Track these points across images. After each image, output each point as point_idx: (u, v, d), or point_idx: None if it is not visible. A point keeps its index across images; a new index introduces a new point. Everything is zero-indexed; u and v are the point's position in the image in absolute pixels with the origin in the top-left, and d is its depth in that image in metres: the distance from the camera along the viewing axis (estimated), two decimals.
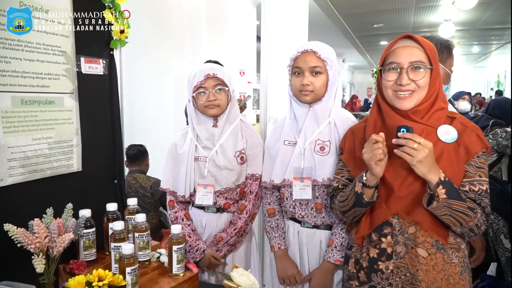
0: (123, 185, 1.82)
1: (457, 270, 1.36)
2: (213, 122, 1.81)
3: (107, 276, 1.23)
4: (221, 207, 1.86)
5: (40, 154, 1.45)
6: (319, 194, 1.67)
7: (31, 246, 1.23)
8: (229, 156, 1.83)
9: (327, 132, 1.67)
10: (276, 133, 1.81)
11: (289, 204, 1.73)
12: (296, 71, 1.64)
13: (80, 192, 1.61)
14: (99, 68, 1.69)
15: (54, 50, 1.49)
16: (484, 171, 1.35)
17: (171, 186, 1.87)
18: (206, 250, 1.82)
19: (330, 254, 1.65)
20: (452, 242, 1.37)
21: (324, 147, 1.66)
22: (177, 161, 1.86)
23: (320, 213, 1.69)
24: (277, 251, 1.76)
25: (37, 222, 1.26)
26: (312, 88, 1.62)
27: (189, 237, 1.81)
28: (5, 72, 1.32)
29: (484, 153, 1.36)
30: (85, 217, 1.44)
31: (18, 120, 1.37)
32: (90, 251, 1.49)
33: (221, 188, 1.83)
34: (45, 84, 1.46)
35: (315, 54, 1.62)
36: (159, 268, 1.54)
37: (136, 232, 1.50)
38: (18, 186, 1.39)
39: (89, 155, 1.66)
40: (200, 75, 1.75)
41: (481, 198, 1.32)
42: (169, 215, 1.86)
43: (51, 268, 1.29)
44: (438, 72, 1.39)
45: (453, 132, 1.35)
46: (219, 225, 1.87)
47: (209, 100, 1.74)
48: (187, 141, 1.85)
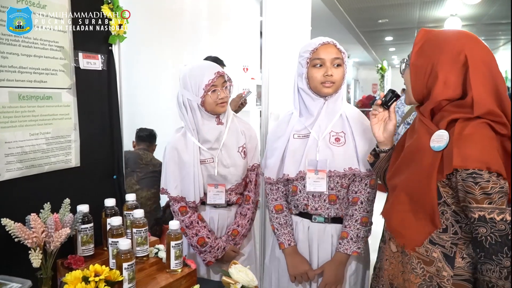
0: (122, 181, 1.82)
1: (417, 281, 1.28)
2: (216, 120, 1.81)
3: (104, 271, 1.23)
4: (234, 203, 1.90)
5: (37, 149, 1.46)
6: (334, 185, 1.69)
7: (28, 241, 1.23)
8: (233, 153, 1.84)
9: (340, 124, 1.71)
10: (279, 129, 1.80)
11: (302, 197, 1.72)
12: (318, 63, 1.63)
13: (78, 187, 1.61)
14: (97, 64, 1.69)
15: (52, 45, 1.49)
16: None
17: (180, 192, 1.83)
18: (226, 247, 1.86)
19: (346, 246, 1.67)
20: (422, 252, 1.26)
21: (339, 138, 1.69)
22: (181, 167, 1.82)
23: (334, 204, 1.70)
24: (287, 248, 1.75)
25: (33, 217, 1.26)
26: (334, 79, 1.63)
27: (208, 238, 1.82)
28: (2, 67, 1.32)
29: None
30: (82, 212, 1.44)
31: (15, 115, 1.37)
32: (88, 246, 1.50)
33: (232, 185, 1.86)
34: (42, 80, 1.46)
35: (335, 46, 1.64)
36: (157, 264, 1.54)
37: (134, 228, 1.50)
38: (15, 181, 1.39)
39: (88, 151, 1.66)
40: (209, 73, 1.73)
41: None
42: (183, 221, 1.81)
43: (48, 263, 1.30)
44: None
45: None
46: (230, 217, 1.91)
47: (220, 98, 1.74)
48: (189, 145, 1.80)
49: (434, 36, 1.26)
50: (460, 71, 1.19)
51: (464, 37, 1.23)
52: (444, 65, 1.20)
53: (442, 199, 1.19)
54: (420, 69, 1.25)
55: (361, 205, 1.68)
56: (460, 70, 1.19)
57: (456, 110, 1.19)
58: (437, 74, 1.21)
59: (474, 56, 1.18)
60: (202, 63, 1.85)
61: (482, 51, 1.21)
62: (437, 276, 1.24)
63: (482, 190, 1.09)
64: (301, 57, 1.69)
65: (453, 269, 1.21)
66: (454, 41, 1.22)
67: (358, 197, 1.69)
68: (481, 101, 1.14)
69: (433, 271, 1.24)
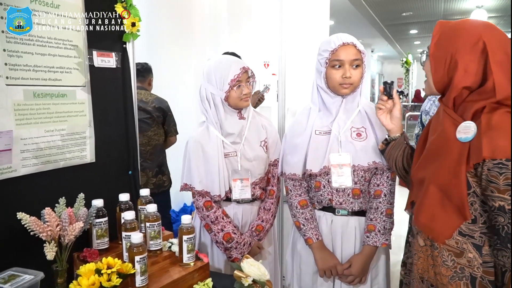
0: (137, 176, 1.85)
1: (448, 274, 1.28)
2: (238, 115, 1.82)
3: (116, 264, 1.26)
4: (258, 197, 1.89)
5: (53, 145, 1.49)
6: (358, 179, 1.70)
7: (43, 234, 1.27)
8: (256, 147, 1.85)
9: (359, 120, 1.72)
10: (300, 126, 1.79)
11: (326, 192, 1.72)
12: (336, 64, 1.64)
13: (94, 182, 1.65)
14: (111, 62, 1.72)
15: (66, 44, 1.52)
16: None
17: (205, 187, 1.80)
18: (252, 242, 1.86)
19: (375, 239, 1.69)
20: (453, 245, 1.26)
21: (360, 133, 1.71)
22: (205, 160, 1.80)
23: (357, 198, 1.71)
24: (315, 242, 1.74)
25: (48, 211, 1.30)
26: (352, 80, 1.64)
27: (234, 234, 1.80)
28: (17, 66, 1.36)
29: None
30: (96, 207, 1.48)
31: (30, 112, 1.41)
32: (102, 240, 1.53)
33: (256, 179, 1.86)
34: (57, 78, 1.49)
35: (355, 47, 1.64)
36: (170, 258, 1.57)
37: (148, 222, 1.53)
38: (31, 177, 1.43)
39: (103, 147, 1.69)
40: (235, 68, 1.74)
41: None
42: (208, 216, 1.80)
43: (63, 256, 1.33)
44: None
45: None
46: (253, 213, 1.91)
47: (244, 93, 1.75)
48: (212, 138, 1.80)
49: (451, 27, 1.29)
50: (479, 58, 1.21)
51: (480, 25, 1.26)
52: (463, 53, 1.23)
53: (472, 189, 1.20)
54: (440, 59, 1.28)
55: (385, 198, 1.70)
56: (480, 57, 1.21)
57: (479, 98, 1.21)
58: (457, 63, 1.23)
59: (492, 43, 1.21)
60: (227, 57, 1.84)
61: (499, 38, 1.23)
62: (469, 266, 1.24)
63: (506, 181, 1.11)
64: (320, 55, 1.68)
65: (481, 256, 1.22)
66: (471, 29, 1.25)
67: (381, 190, 1.71)
68: (502, 85, 1.17)
69: (464, 262, 1.25)
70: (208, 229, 1.81)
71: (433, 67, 1.30)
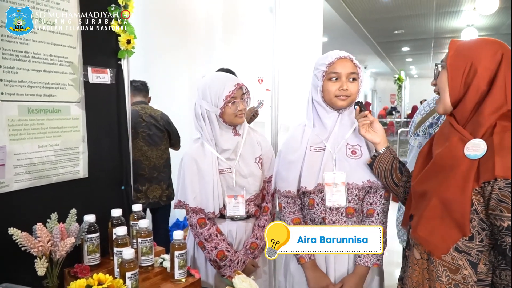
0: (130, 192, 1.86)
1: None
2: (233, 131, 1.83)
3: (107, 280, 1.25)
4: (253, 214, 1.88)
5: (46, 161, 1.50)
6: (352, 198, 1.68)
7: (34, 250, 1.27)
8: (251, 163, 1.85)
9: (355, 137, 1.71)
10: (294, 142, 1.77)
11: (320, 210, 1.70)
12: (333, 77, 1.65)
13: (86, 198, 1.65)
14: (106, 78, 1.74)
15: (61, 60, 1.54)
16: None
17: (199, 204, 1.79)
18: (246, 261, 1.84)
19: (366, 259, 1.66)
20: (448, 260, 1.27)
21: (355, 151, 1.69)
22: (199, 177, 1.79)
23: (351, 217, 1.69)
24: (308, 262, 1.71)
25: (39, 227, 1.30)
26: (349, 93, 1.65)
27: (227, 252, 1.78)
28: (12, 82, 1.37)
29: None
30: (88, 222, 1.47)
31: (24, 128, 1.42)
32: (94, 256, 1.53)
33: (251, 196, 1.85)
34: (51, 94, 1.51)
35: (351, 61, 1.66)
36: (162, 273, 1.57)
37: (139, 238, 1.53)
38: (24, 192, 1.44)
39: (96, 162, 1.70)
40: (230, 85, 1.74)
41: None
42: (201, 234, 1.78)
43: (54, 271, 1.33)
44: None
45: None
46: (247, 231, 1.89)
47: (239, 109, 1.76)
48: (207, 154, 1.80)
49: (469, 41, 1.33)
50: (494, 69, 1.24)
51: (498, 41, 1.30)
52: (484, 61, 1.24)
53: (473, 207, 1.20)
54: (459, 68, 1.28)
55: (377, 217, 1.68)
56: (495, 68, 1.24)
57: (490, 108, 1.21)
58: (477, 70, 1.25)
59: (509, 56, 1.24)
60: (222, 74, 1.86)
61: None
62: (464, 283, 1.24)
63: None
64: (317, 69, 1.69)
65: (476, 274, 1.22)
66: (491, 42, 1.28)
67: (374, 209, 1.69)
68: None
69: (459, 279, 1.25)
70: (201, 246, 1.80)
71: (450, 75, 1.30)
